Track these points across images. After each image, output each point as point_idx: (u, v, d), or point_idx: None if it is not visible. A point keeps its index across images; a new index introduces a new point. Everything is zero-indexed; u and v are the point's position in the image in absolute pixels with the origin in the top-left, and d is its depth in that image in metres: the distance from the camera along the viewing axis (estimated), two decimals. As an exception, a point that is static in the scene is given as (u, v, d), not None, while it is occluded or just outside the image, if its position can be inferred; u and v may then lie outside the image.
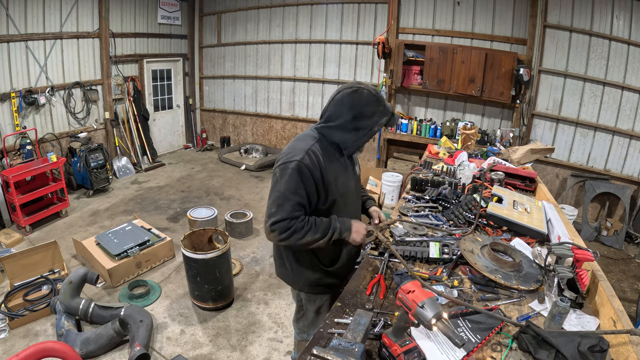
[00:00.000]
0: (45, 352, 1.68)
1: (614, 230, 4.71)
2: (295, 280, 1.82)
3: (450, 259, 1.72)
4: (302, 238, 1.51)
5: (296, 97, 6.85)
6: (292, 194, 1.49)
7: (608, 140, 4.82)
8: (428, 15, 5.46)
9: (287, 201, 1.49)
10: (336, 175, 1.60)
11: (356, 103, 1.50)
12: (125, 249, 3.45)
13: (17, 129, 4.75)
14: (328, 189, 1.57)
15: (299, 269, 1.76)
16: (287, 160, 1.51)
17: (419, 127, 5.68)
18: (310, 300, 1.87)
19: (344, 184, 1.65)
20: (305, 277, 1.77)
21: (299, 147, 1.54)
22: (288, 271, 1.81)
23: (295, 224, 1.50)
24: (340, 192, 1.63)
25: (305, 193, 1.51)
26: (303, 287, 1.82)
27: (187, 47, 7.46)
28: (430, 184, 2.60)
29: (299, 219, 1.52)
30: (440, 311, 1.08)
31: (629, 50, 4.44)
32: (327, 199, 1.59)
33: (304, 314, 1.93)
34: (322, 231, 1.54)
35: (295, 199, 1.49)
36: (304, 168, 1.48)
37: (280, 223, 1.49)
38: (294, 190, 1.49)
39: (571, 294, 1.41)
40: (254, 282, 3.53)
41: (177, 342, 2.79)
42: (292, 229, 1.49)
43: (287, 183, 1.49)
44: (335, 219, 1.59)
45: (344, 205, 1.67)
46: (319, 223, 1.55)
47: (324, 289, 1.81)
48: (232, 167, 6.74)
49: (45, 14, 4.97)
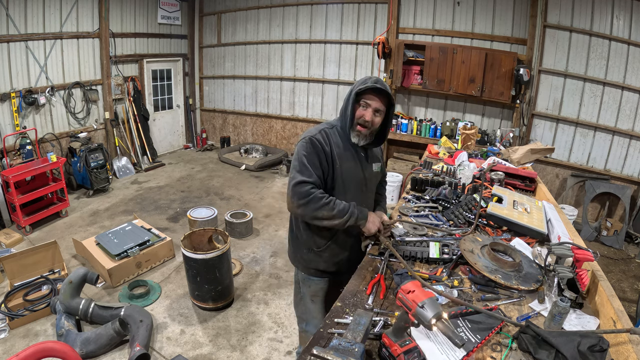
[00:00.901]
0: (45, 352, 1.68)
1: (614, 230, 4.71)
2: (294, 256, 2.00)
3: (450, 259, 1.72)
4: (318, 209, 1.63)
5: (296, 97, 6.85)
6: (308, 162, 1.67)
7: (608, 140, 4.82)
8: (428, 15, 5.46)
9: (304, 167, 1.66)
10: (343, 160, 1.75)
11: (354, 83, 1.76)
12: (125, 249, 3.45)
13: (17, 129, 4.75)
14: (334, 167, 1.73)
15: (297, 245, 1.93)
16: (303, 137, 1.74)
17: (419, 127, 5.68)
18: (305, 284, 1.99)
19: (350, 170, 1.78)
20: (301, 255, 1.93)
21: (314, 128, 1.80)
22: (291, 247, 2.00)
23: (315, 192, 1.63)
24: (345, 175, 1.76)
25: (319, 163, 1.69)
26: (298, 264, 1.98)
27: (187, 47, 7.47)
28: (430, 184, 2.60)
29: (319, 190, 1.65)
30: (440, 311, 1.08)
31: (629, 50, 4.44)
32: (332, 177, 1.73)
33: (301, 298, 2.04)
34: (339, 211, 1.65)
35: (310, 167, 1.66)
36: (316, 142, 1.70)
37: (301, 185, 1.62)
38: (309, 159, 1.67)
39: (571, 294, 1.41)
40: (254, 282, 3.53)
41: (177, 342, 2.79)
42: (311, 195, 1.62)
43: (304, 154, 1.68)
44: (354, 205, 1.69)
45: (346, 190, 1.77)
46: (338, 203, 1.66)
47: (316, 272, 1.93)
48: (232, 167, 6.74)
49: (45, 14, 4.97)
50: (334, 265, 1.90)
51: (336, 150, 1.73)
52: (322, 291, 1.97)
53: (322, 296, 1.98)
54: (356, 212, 1.68)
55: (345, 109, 1.75)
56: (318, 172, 1.68)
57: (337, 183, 1.75)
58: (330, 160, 1.72)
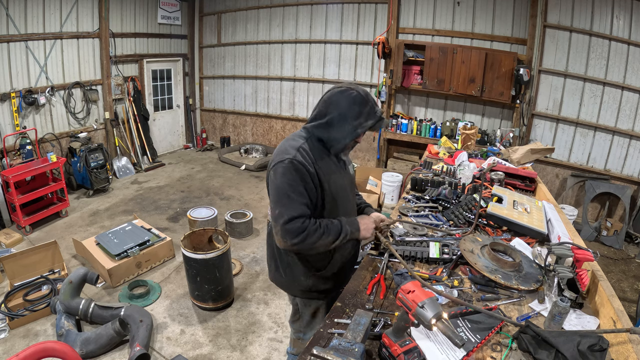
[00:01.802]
0: (45, 352, 1.68)
1: (614, 230, 4.71)
2: (289, 286, 1.80)
3: (450, 259, 1.72)
4: (315, 242, 1.47)
5: (296, 97, 6.85)
6: (292, 192, 1.44)
7: (608, 140, 4.82)
8: (428, 15, 5.46)
9: (290, 200, 1.44)
10: (328, 173, 1.57)
11: (343, 102, 1.50)
12: (125, 249, 3.45)
13: (17, 129, 4.75)
14: (322, 186, 1.54)
15: (292, 274, 1.73)
16: (279, 160, 1.48)
17: (419, 127, 5.68)
18: (305, 305, 1.84)
19: (337, 182, 1.62)
20: (299, 283, 1.74)
21: (289, 146, 1.52)
22: (282, 277, 1.78)
23: (308, 225, 1.45)
24: (334, 190, 1.60)
25: (305, 190, 1.47)
26: (297, 292, 1.80)
27: (187, 47, 7.46)
28: (430, 184, 2.60)
29: (311, 221, 1.47)
30: (440, 311, 1.08)
31: (629, 50, 4.44)
32: (322, 197, 1.56)
33: (299, 317, 1.90)
34: (334, 234, 1.52)
35: (296, 197, 1.45)
36: (298, 165, 1.46)
37: (292, 223, 1.42)
38: (293, 187, 1.45)
39: (571, 294, 1.41)
40: (254, 282, 3.53)
41: (177, 342, 2.79)
42: (305, 232, 1.44)
43: (286, 182, 1.45)
44: (344, 221, 1.57)
45: (338, 204, 1.64)
46: (330, 226, 1.52)
47: (318, 294, 1.78)
48: (232, 167, 6.74)
49: (45, 14, 4.97)
50: (335, 279, 1.78)
51: (319, 167, 1.53)
52: (324, 305, 1.84)
53: (324, 308, 1.84)
54: (348, 228, 1.55)
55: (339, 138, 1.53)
56: (305, 200, 1.47)
57: (328, 199, 1.58)
58: (317, 181, 1.51)
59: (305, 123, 1.64)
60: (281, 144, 1.58)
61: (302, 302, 1.84)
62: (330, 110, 1.52)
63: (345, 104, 1.50)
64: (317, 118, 1.57)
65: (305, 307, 1.85)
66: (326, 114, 1.53)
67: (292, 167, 1.45)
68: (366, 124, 1.51)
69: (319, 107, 1.57)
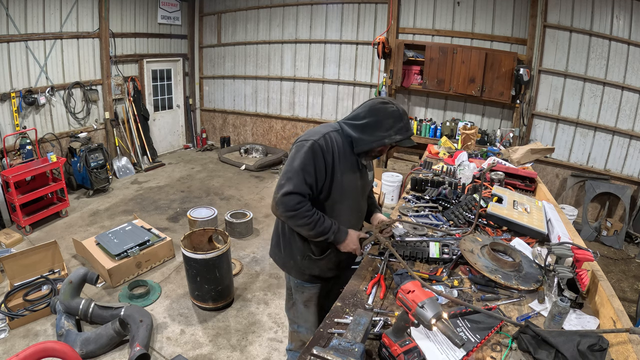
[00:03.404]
0: (45, 352, 1.68)
1: (614, 230, 4.71)
2: (285, 262, 1.89)
3: (450, 259, 1.73)
4: (300, 226, 1.61)
5: (296, 97, 6.85)
6: (302, 170, 1.56)
7: (608, 140, 4.82)
8: (428, 15, 5.46)
9: (296, 175, 1.56)
10: (343, 170, 1.66)
11: (381, 112, 1.62)
12: (125, 249, 3.45)
13: (17, 129, 4.75)
14: (333, 178, 1.64)
15: (290, 252, 1.83)
16: (304, 139, 1.62)
17: (419, 127, 5.68)
18: (298, 290, 1.92)
19: (349, 180, 1.70)
20: (294, 262, 1.83)
21: (318, 130, 1.67)
22: (280, 252, 1.88)
23: (302, 208, 1.57)
24: (343, 186, 1.68)
25: (314, 172, 1.58)
26: (291, 270, 1.88)
27: (187, 47, 7.46)
28: (430, 184, 2.60)
29: (307, 206, 1.58)
30: (440, 311, 1.08)
31: (629, 50, 4.44)
32: (329, 188, 1.65)
33: (293, 304, 1.99)
34: (319, 231, 1.63)
35: (303, 175, 1.56)
36: (318, 148, 1.58)
37: (289, 197, 1.55)
38: (305, 167, 1.57)
39: (571, 294, 1.41)
40: (254, 282, 3.53)
41: (177, 342, 2.79)
42: (297, 211, 1.56)
43: (300, 159, 1.57)
44: (335, 229, 1.66)
45: (344, 199, 1.72)
46: (321, 223, 1.62)
47: (311, 277, 1.86)
48: (232, 167, 6.74)
49: (45, 14, 4.97)
50: (330, 271, 1.86)
51: (338, 160, 1.63)
52: (316, 296, 1.92)
53: (316, 301, 1.93)
54: (333, 237, 1.66)
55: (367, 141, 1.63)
56: (311, 180, 1.58)
57: (334, 193, 1.67)
58: (331, 170, 1.62)
59: (342, 119, 1.76)
60: (312, 128, 1.74)
61: (295, 285, 1.93)
62: (369, 115, 1.64)
63: (384, 114, 1.62)
64: (355, 119, 1.68)
65: (297, 292, 1.93)
66: (364, 117, 1.65)
67: (311, 149, 1.58)
68: (395, 137, 1.61)
69: (358, 110, 1.70)
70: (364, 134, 1.63)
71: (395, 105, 1.64)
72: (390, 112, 1.61)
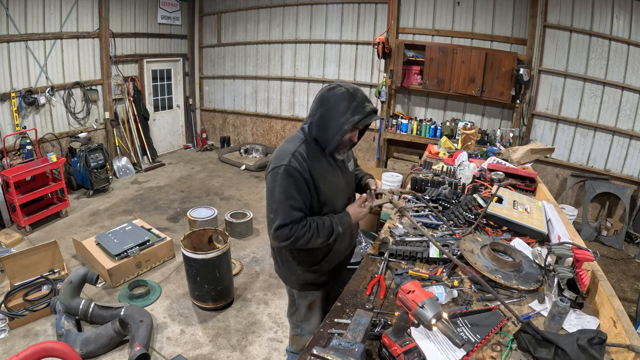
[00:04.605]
0: (45, 352, 1.68)
1: (614, 230, 4.71)
2: (286, 277, 1.89)
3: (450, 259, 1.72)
4: (305, 244, 1.56)
5: (296, 97, 6.85)
6: (285, 199, 1.52)
7: (608, 140, 4.82)
8: (428, 15, 5.46)
9: (281, 206, 1.53)
10: (324, 175, 1.61)
11: (330, 99, 1.53)
12: (125, 249, 3.45)
13: (17, 129, 4.75)
14: (318, 189, 1.60)
15: (290, 267, 1.81)
16: (275, 166, 1.55)
17: (419, 127, 5.67)
18: (301, 297, 1.91)
19: (333, 183, 1.66)
20: (296, 276, 1.82)
21: (285, 150, 1.58)
22: (280, 268, 1.88)
23: (296, 230, 1.53)
24: (330, 193, 1.65)
25: (298, 194, 1.54)
26: (294, 284, 1.87)
27: (187, 47, 7.46)
28: (430, 184, 2.60)
29: (300, 224, 1.54)
30: (440, 311, 1.08)
31: (629, 50, 4.44)
32: (317, 198, 1.62)
33: (296, 309, 1.98)
34: (324, 235, 1.58)
35: (289, 203, 1.53)
36: (293, 170, 1.52)
37: (281, 230, 1.53)
38: (287, 194, 1.52)
39: (571, 294, 1.41)
40: (254, 282, 3.53)
41: (177, 342, 2.79)
42: (294, 237, 1.53)
43: (279, 188, 1.53)
44: (335, 221, 1.61)
45: (334, 204, 1.69)
46: (321, 226, 1.57)
47: (314, 286, 1.86)
48: (232, 167, 6.74)
49: (45, 14, 4.96)
50: (331, 274, 1.86)
51: (315, 170, 1.57)
52: (319, 298, 1.92)
53: (319, 303, 1.93)
54: (340, 228, 1.60)
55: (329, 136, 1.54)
56: (298, 204, 1.54)
57: (325, 199, 1.64)
58: (312, 185, 1.58)
59: (304, 122, 1.68)
60: (279, 147, 1.64)
61: (298, 294, 1.91)
62: (320, 106, 1.56)
63: (334, 100, 1.52)
64: (312, 116, 1.60)
65: (300, 299, 1.92)
66: (316, 111, 1.57)
67: (286, 173, 1.52)
68: (353, 119, 1.50)
69: (311, 106, 1.62)
70: (324, 130, 1.55)
71: (342, 87, 1.52)
72: (339, 95, 1.51)
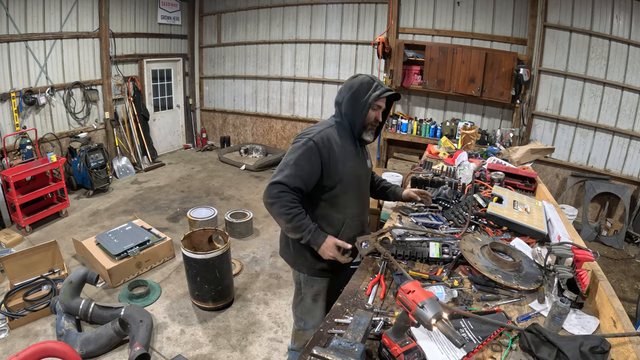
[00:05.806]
0: (45, 352, 1.68)
1: (614, 230, 4.71)
2: (295, 260, 1.94)
3: (450, 259, 1.72)
4: (278, 215, 1.67)
5: (296, 97, 6.85)
6: (295, 165, 1.66)
7: (608, 140, 4.82)
8: (428, 15, 5.46)
9: (288, 168, 1.66)
10: (346, 158, 1.76)
11: (354, 84, 1.78)
12: (125, 249, 3.45)
13: (17, 129, 4.75)
14: (336, 167, 1.73)
15: (299, 249, 1.87)
16: (299, 137, 1.74)
17: (419, 127, 5.68)
18: (308, 284, 1.96)
19: (353, 168, 1.81)
20: (305, 258, 1.88)
21: (315, 128, 1.78)
22: (290, 251, 1.93)
23: (284, 197, 1.64)
24: (348, 174, 1.77)
25: (309, 167, 1.67)
26: (302, 267, 1.93)
27: (187, 47, 7.46)
28: (430, 184, 2.60)
29: (290, 195, 1.64)
30: (440, 311, 1.08)
31: (629, 50, 4.44)
32: (334, 177, 1.74)
33: (302, 299, 2.01)
34: (294, 227, 1.67)
35: (295, 169, 1.65)
36: (313, 144, 1.67)
37: (275, 186, 1.64)
38: (297, 161, 1.66)
39: (571, 294, 1.41)
40: (254, 282, 3.53)
41: (177, 342, 2.79)
42: (277, 200, 1.64)
43: (295, 154, 1.67)
44: (313, 229, 1.69)
45: (347, 191, 1.80)
46: (300, 218, 1.67)
47: (321, 272, 1.91)
48: (232, 167, 6.74)
49: (45, 14, 4.96)
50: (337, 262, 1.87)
51: (338, 151, 1.73)
52: (325, 290, 1.97)
53: (324, 295, 1.98)
54: (308, 237, 1.69)
55: (357, 113, 1.76)
56: (301, 173, 1.66)
57: (339, 183, 1.76)
58: (330, 163, 1.71)
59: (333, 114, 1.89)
60: (311, 126, 1.83)
61: (305, 280, 1.96)
62: (345, 92, 1.80)
63: (357, 84, 1.77)
64: (338, 102, 1.83)
65: (307, 286, 1.96)
66: (343, 96, 1.79)
67: (306, 144, 1.68)
68: (374, 94, 1.72)
69: (338, 94, 1.84)
70: (352, 109, 1.77)
71: (363, 75, 1.80)
72: (360, 80, 1.78)
